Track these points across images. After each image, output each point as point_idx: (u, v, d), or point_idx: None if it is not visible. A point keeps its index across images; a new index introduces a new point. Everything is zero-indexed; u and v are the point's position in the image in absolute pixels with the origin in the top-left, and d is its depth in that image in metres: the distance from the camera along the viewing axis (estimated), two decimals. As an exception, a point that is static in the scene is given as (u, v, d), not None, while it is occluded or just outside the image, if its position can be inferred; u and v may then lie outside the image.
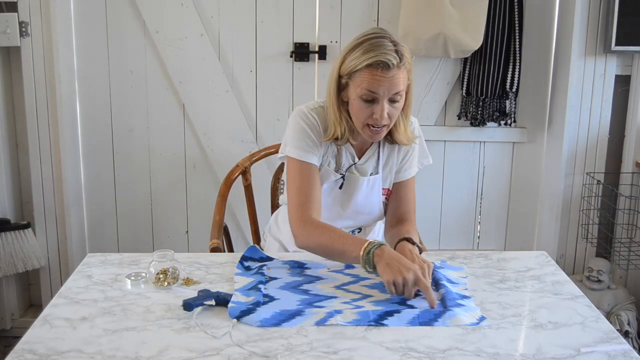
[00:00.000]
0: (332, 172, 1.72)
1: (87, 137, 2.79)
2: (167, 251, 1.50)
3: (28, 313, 2.85)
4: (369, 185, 1.74)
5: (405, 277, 1.39)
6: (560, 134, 2.74)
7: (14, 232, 2.59)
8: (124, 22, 2.70)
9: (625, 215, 2.77)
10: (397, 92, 1.55)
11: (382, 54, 1.51)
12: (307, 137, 1.66)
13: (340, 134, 1.65)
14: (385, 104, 1.56)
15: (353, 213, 1.78)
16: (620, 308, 2.67)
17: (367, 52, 1.53)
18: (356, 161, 1.73)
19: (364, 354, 1.22)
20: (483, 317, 1.36)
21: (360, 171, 1.74)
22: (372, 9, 2.73)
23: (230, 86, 2.76)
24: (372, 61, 1.52)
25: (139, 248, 2.89)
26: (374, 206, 1.78)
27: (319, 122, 1.68)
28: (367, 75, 1.53)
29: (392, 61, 1.51)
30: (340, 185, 1.73)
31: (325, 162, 1.72)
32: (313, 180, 1.66)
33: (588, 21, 2.64)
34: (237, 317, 1.33)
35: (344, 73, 1.59)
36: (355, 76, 1.56)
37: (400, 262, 1.42)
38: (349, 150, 1.73)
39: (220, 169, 2.77)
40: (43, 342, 1.24)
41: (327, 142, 1.70)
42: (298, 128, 1.67)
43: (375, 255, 1.45)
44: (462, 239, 3.00)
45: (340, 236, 1.56)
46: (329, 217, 1.77)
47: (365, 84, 1.54)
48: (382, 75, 1.52)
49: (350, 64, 1.56)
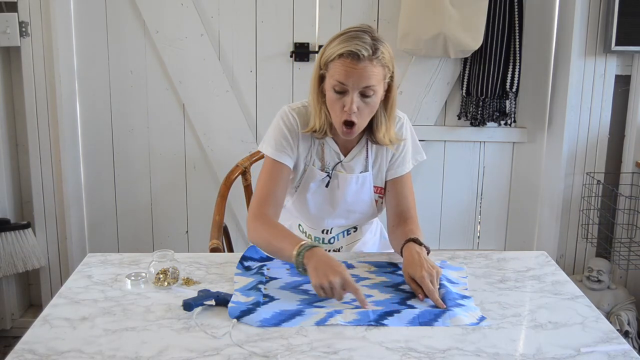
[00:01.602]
0: (318, 171, 1.72)
1: (87, 137, 2.79)
2: (167, 251, 1.50)
3: (28, 313, 2.85)
4: (359, 183, 1.74)
5: (331, 281, 1.38)
6: (560, 134, 2.74)
7: (14, 232, 2.59)
8: (124, 22, 2.71)
9: (625, 215, 2.77)
10: (368, 85, 1.54)
11: (354, 45, 1.51)
12: (282, 137, 1.68)
13: (318, 127, 1.66)
14: (355, 96, 1.55)
15: (344, 212, 1.78)
16: (620, 308, 2.67)
17: (341, 42, 1.54)
18: (342, 159, 1.73)
19: (364, 354, 1.22)
20: (483, 317, 1.36)
21: (347, 169, 1.73)
22: (372, 9, 2.73)
23: (230, 86, 2.76)
24: (344, 51, 1.52)
25: (139, 248, 2.89)
26: (365, 204, 1.77)
27: (298, 122, 1.69)
28: (339, 65, 1.54)
29: (362, 52, 1.51)
30: (326, 184, 1.73)
31: (309, 161, 1.72)
32: (279, 180, 1.67)
33: (588, 21, 2.64)
34: (237, 317, 1.33)
35: (322, 63, 1.60)
36: (330, 66, 1.57)
37: (328, 265, 1.41)
38: (332, 148, 1.72)
39: (220, 169, 2.77)
40: (43, 342, 1.24)
41: (310, 141, 1.71)
42: (276, 127, 1.70)
43: (306, 257, 1.45)
44: (462, 239, 3.00)
45: (282, 234, 1.57)
46: (319, 216, 1.77)
47: (336, 75, 1.55)
48: (352, 66, 1.52)
49: (327, 54, 1.57)
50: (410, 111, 2.79)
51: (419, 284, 1.44)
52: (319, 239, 1.84)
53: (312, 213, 1.77)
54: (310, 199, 1.74)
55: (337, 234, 1.84)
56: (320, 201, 1.75)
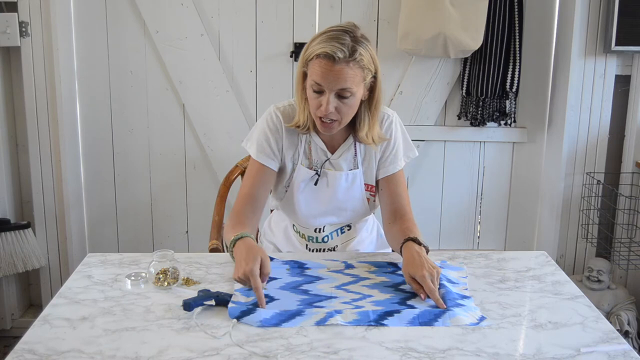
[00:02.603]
0: (306, 169, 1.73)
1: (87, 137, 2.79)
2: (167, 251, 1.50)
3: (28, 313, 2.85)
4: (349, 181, 1.74)
5: (244, 271, 1.42)
6: (560, 134, 2.74)
7: (14, 232, 2.59)
8: (124, 22, 2.71)
9: (625, 215, 2.77)
10: (344, 88, 1.54)
11: (331, 46, 1.51)
12: (266, 140, 1.70)
13: (302, 122, 1.67)
14: (331, 97, 1.55)
15: (335, 209, 1.78)
16: (620, 308, 2.67)
17: (321, 42, 1.54)
18: (329, 156, 1.73)
19: (364, 354, 1.22)
20: (483, 317, 1.36)
21: (336, 166, 1.74)
22: (372, 9, 2.73)
23: (230, 86, 2.76)
24: (321, 51, 1.52)
25: (139, 248, 2.89)
26: (356, 201, 1.77)
27: (282, 123, 1.70)
28: (316, 66, 1.54)
29: (337, 54, 1.51)
30: (315, 182, 1.73)
31: (297, 160, 1.73)
32: (260, 181, 1.71)
33: (588, 21, 2.64)
34: (237, 317, 1.33)
35: (304, 61, 1.60)
36: (309, 65, 1.57)
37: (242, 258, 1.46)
38: (319, 146, 1.72)
39: (220, 169, 2.77)
40: (43, 342, 1.24)
41: (296, 139, 1.71)
42: (260, 129, 1.72)
43: (235, 247, 1.52)
44: (462, 239, 3.00)
45: (235, 228, 1.61)
46: (310, 215, 1.78)
47: (314, 75, 1.55)
48: (328, 68, 1.52)
49: (308, 52, 1.57)
50: (410, 111, 2.79)
51: (420, 284, 1.44)
52: (313, 238, 1.84)
53: (303, 212, 1.77)
54: (301, 198, 1.75)
55: (330, 232, 1.84)
56: (310, 199, 1.75)
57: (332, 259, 1.67)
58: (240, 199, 1.71)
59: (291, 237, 1.89)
